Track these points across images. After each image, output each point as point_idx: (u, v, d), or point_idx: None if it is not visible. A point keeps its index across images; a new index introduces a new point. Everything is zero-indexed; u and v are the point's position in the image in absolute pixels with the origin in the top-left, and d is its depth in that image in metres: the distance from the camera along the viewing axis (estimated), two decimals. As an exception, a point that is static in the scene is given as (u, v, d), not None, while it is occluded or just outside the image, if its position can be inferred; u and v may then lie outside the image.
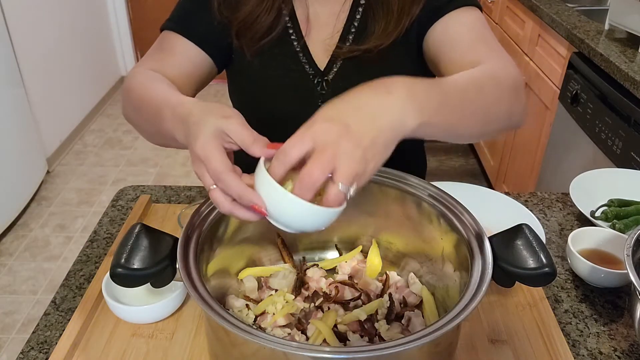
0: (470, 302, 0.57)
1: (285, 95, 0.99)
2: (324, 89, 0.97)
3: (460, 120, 0.68)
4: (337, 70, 0.96)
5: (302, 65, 0.96)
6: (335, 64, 0.96)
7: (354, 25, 0.94)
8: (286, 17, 0.94)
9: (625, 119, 1.48)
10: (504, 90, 0.76)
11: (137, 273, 0.60)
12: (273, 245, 0.83)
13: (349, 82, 0.93)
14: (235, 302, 0.74)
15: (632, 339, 0.77)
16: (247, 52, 0.95)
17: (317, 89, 0.97)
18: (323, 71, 0.96)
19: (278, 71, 0.97)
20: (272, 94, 0.99)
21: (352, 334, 0.69)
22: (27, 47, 2.76)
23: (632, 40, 1.67)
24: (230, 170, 0.57)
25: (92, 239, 0.95)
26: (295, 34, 0.95)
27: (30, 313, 2.08)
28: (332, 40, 0.95)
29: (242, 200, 0.56)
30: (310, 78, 0.96)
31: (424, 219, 0.74)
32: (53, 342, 0.75)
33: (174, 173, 3.00)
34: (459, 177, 2.92)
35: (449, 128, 0.66)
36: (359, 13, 0.94)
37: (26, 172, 2.69)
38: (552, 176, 1.98)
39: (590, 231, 0.90)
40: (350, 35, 0.94)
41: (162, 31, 0.95)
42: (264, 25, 0.92)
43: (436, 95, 0.63)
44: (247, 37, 0.93)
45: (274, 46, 0.95)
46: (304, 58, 0.95)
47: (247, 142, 0.59)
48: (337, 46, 0.95)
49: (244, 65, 0.97)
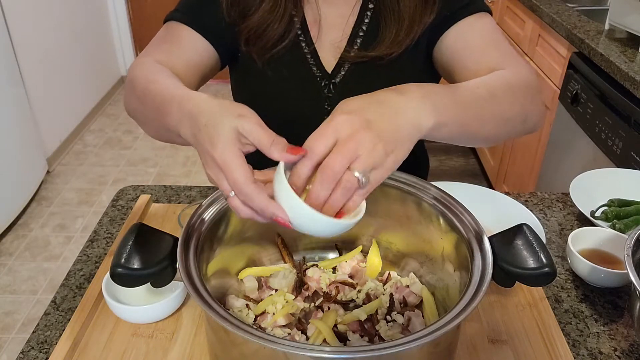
0: (470, 302, 0.57)
1: (292, 97, 0.98)
2: (330, 91, 0.96)
3: (473, 122, 0.69)
4: (345, 74, 0.95)
5: (310, 67, 0.95)
6: (342, 67, 0.95)
7: (362, 29, 0.93)
8: (297, 24, 0.93)
9: (625, 119, 1.48)
10: (518, 95, 0.77)
11: (137, 273, 0.60)
12: (273, 245, 0.83)
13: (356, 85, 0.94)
14: (235, 302, 0.74)
15: (632, 339, 0.77)
16: (259, 61, 0.94)
17: (324, 91, 0.96)
18: (330, 74, 0.95)
19: (286, 73, 0.96)
20: (279, 96, 0.98)
21: (352, 334, 0.69)
22: (27, 47, 2.76)
23: (632, 40, 1.67)
24: (252, 181, 0.55)
25: (92, 238, 0.95)
26: (305, 39, 0.94)
27: (30, 313, 2.08)
28: (341, 43, 0.94)
29: (264, 214, 0.56)
30: (318, 80, 0.96)
31: (424, 219, 0.74)
32: (53, 342, 0.75)
33: (174, 173, 3.00)
34: (459, 177, 2.92)
35: (463, 130, 0.67)
36: (367, 17, 0.93)
37: (26, 172, 2.69)
38: (552, 176, 1.98)
39: (590, 231, 0.90)
40: (358, 39, 0.94)
41: (166, 22, 0.93)
42: (276, 34, 0.91)
43: (449, 98, 0.65)
44: (257, 46, 0.92)
45: (284, 51, 0.93)
46: (312, 60, 0.95)
47: (264, 144, 0.57)
48: (345, 49, 0.94)
49: (251, 67, 0.96)
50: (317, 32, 0.94)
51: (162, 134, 0.77)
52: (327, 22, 0.94)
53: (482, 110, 0.71)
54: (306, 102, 0.97)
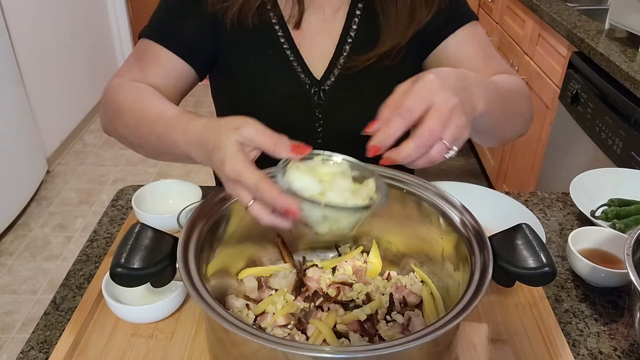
0: (470, 302, 0.57)
1: (282, 105, 0.96)
2: (321, 98, 0.95)
3: (503, 117, 0.75)
4: (335, 80, 0.94)
5: (297, 74, 0.94)
6: (332, 73, 0.94)
7: (351, 36, 0.93)
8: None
9: (625, 118, 1.48)
10: (525, 99, 0.86)
11: (137, 273, 0.60)
12: (273, 245, 0.83)
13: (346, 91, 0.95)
14: (235, 302, 0.74)
15: (632, 339, 0.77)
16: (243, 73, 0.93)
17: (315, 98, 0.95)
18: (319, 80, 0.94)
19: (273, 82, 0.94)
20: (268, 105, 0.96)
21: (352, 334, 0.69)
22: (27, 47, 2.76)
23: (632, 40, 1.67)
24: (264, 178, 0.58)
25: (92, 238, 0.95)
26: (289, 46, 0.92)
27: (30, 313, 2.08)
28: (329, 49, 0.94)
29: (276, 205, 0.58)
30: (307, 88, 0.94)
31: (424, 219, 0.74)
32: (53, 342, 0.75)
33: (174, 173, 3.00)
34: (459, 177, 2.92)
35: (497, 120, 0.72)
36: (355, 23, 0.93)
37: (26, 172, 2.69)
38: (552, 176, 1.98)
39: (591, 231, 0.90)
40: (347, 45, 0.93)
41: (140, 38, 0.91)
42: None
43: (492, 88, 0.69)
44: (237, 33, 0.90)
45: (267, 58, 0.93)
46: (299, 68, 0.93)
47: (268, 147, 0.60)
48: (333, 56, 0.93)
49: (236, 77, 0.95)
50: (301, 39, 0.93)
51: (163, 158, 0.81)
52: (311, 29, 0.93)
53: (510, 107, 0.77)
54: (297, 110, 0.96)
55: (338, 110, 0.96)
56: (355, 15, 0.93)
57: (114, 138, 0.90)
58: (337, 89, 0.94)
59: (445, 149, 0.58)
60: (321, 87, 0.94)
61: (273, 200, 0.57)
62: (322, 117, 0.96)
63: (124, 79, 0.88)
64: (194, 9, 0.89)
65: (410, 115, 0.57)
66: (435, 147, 0.58)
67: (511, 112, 0.79)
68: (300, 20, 0.92)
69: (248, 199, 0.60)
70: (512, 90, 0.82)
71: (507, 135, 0.87)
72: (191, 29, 0.90)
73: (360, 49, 0.92)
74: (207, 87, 1.05)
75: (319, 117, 0.96)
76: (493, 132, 0.79)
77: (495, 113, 0.70)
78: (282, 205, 0.57)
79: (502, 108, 0.73)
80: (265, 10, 0.90)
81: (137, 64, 0.91)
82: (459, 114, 0.58)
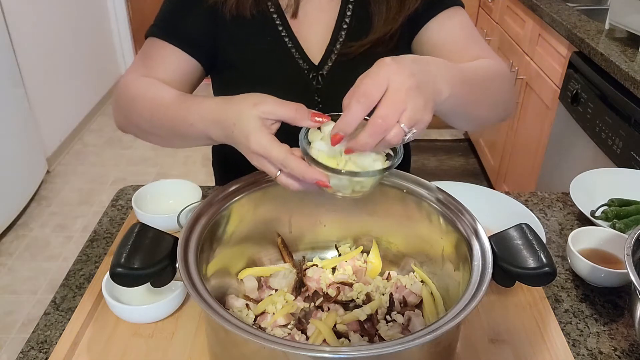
0: (470, 302, 0.57)
1: (282, 91, 0.98)
2: (319, 83, 0.97)
3: (473, 101, 0.75)
4: (332, 65, 0.96)
5: (296, 60, 0.96)
6: (329, 58, 0.96)
7: (345, 22, 0.95)
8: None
9: (625, 118, 1.48)
10: (504, 82, 0.86)
11: (137, 273, 0.60)
12: (273, 245, 0.83)
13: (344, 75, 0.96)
14: (235, 302, 0.74)
15: (632, 339, 0.77)
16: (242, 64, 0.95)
17: (313, 83, 0.97)
18: (317, 66, 0.96)
19: (273, 69, 0.97)
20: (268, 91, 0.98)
21: (352, 334, 0.69)
22: (27, 47, 2.76)
23: (632, 40, 1.67)
24: (290, 153, 0.61)
25: (92, 238, 0.95)
26: (286, 32, 0.95)
27: (30, 313, 2.08)
28: (325, 36, 0.96)
29: (305, 179, 0.61)
30: (305, 73, 0.97)
31: (424, 218, 0.74)
32: (53, 341, 0.75)
33: (174, 173, 3.00)
34: (459, 177, 2.92)
35: (466, 105, 0.73)
36: (349, 10, 0.95)
37: (26, 172, 2.69)
38: (552, 176, 1.98)
39: (591, 231, 0.90)
40: (342, 32, 0.95)
41: (147, 37, 0.94)
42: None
43: (459, 74, 0.69)
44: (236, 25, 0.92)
45: (266, 46, 0.95)
46: (297, 54, 0.96)
47: (289, 117, 0.63)
48: (329, 43, 0.96)
49: (237, 67, 0.97)
50: (298, 27, 0.95)
51: (179, 142, 0.83)
52: (307, 15, 0.95)
53: (481, 91, 0.77)
54: (296, 95, 0.97)
55: (336, 94, 0.97)
56: (349, 3, 0.95)
57: (130, 134, 0.92)
58: (335, 74, 0.97)
59: (402, 133, 0.57)
60: (319, 72, 0.97)
61: (302, 174, 0.60)
62: (321, 102, 0.98)
63: (134, 75, 0.91)
64: (195, 3, 0.92)
65: (368, 100, 0.57)
66: (392, 132, 0.57)
67: (484, 95, 0.79)
68: (297, 10, 0.94)
69: (275, 171, 0.63)
70: (486, 74, 0.82)
71: (483, 117, 0.84)
72: (193, 24, 0.93)
73: (354, 36, 0.95)
74: (208, 86, 1.05)
75: (318, 102, 0.98)
76: (464, 115, 0.78)
77: (464, 96, 0.70)
78: (312, 178, 0.60)
79: (470, 91, 0.73)
80: (262, 0, 0.93)
81: (144, 62, 0.93)
82: (415, 96, 0.58)
